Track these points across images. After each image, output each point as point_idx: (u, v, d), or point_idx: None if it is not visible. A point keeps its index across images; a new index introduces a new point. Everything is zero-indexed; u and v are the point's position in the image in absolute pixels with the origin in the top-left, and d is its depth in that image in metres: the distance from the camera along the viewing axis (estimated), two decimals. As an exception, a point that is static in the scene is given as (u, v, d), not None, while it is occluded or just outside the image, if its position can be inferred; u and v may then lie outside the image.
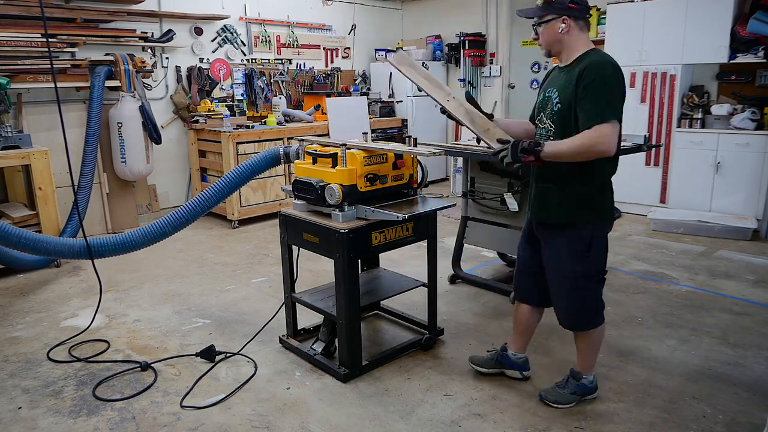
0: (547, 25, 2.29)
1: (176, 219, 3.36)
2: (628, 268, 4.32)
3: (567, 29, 2.26)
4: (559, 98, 2.28)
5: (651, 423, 2.37)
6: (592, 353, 2.52)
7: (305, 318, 3.25)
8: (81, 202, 4.80)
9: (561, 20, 2.25)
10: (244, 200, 5.71)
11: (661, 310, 3.53)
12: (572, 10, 2.25)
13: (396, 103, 7.54)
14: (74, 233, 4.56)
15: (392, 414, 2.46)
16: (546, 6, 2.28)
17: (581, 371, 2.53)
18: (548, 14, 2.28)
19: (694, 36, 5.31)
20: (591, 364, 2.53)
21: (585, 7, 2.29)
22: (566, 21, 2.25)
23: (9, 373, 2.88)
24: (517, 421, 2.40)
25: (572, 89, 2.20)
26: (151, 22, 5.79)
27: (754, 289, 3.86)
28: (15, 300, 3.86)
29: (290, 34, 7.02)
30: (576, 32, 2.27)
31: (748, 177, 5.13)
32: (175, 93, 6.08)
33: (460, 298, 3.77)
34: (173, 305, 3.72)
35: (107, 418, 2.47)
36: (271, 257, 4.68)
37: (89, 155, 4.96)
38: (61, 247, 3.31)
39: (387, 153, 2.75)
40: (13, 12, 4.68)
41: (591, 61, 2.20)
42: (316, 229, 2.72)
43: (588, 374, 2.53)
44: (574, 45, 2.28)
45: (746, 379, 2.70)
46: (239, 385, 2.70)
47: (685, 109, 5.57)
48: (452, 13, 7.85)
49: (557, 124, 2.30)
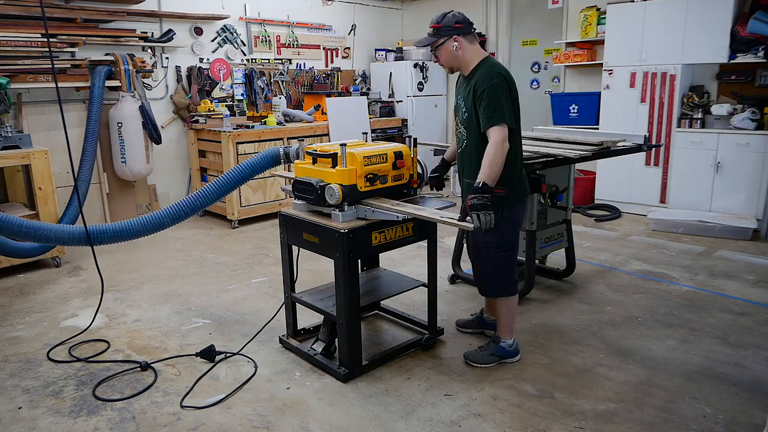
0: (442, 47, 2.64)
1: (175, 211, 3.36)
2: (628, 268, 4.32)
3: (459, 46, 2.61)
4: (464, 106, 2.65)
5: (651, 423, 2.37)
6: (508, 318, 2.86)
7: (305, 318, 3.25)
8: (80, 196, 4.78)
9: (452, 39, 2.60)
10: (244, 200, 5.71)
11: (661, 310, 3.53)
12: (459, 29, 2.60)
13: (396, 103, 7.55)
14: (72, 223, 4.55)
15: (392, 414, 2.46)
16: (436, 32, 2.62)
17: (500, 335, 2.88)
18: (440, 38, 2.62)
19: (694, 36, 5.31)
20: (509, 328, 2.87)
21: (469, 23, 2.65)
22: (457, 39, 2.61)
23: (9, 373, 2.88)
24: (517, 421, 2.40)
25: (472, 99, 2.58)
26: (151, 22, 5.79)
27: (754, 289, 3.86)
28: (15, 300, 3.86)
29: (290, 34, 7.02)
30: (467, 46, 2.63)
31: (748, 177, 5.13)
32: (175, 93, 6.08)
33: (460, 298, 3.77)
34: (173, 305, 3.72)
35: (107, 418, 2.47)
36: (271, 257, 4.68)
37: (88, 150, 4.95)
38: (60, 233, 3.29)
39: (387, 153, 2.75)
40: (13, 12, 4.68)
41: (481, 74, 2.57)
42: (316, 229, 2.72)
43: (506, 338, 2.87)
44: (469, 57, 2.64)
45: (746, 379, 2.70)
46: (239, 385, 2.70)
47: (685, 109, 5.57)
48: (452, 13, 7.84)
49: (467, 129, 2.67)
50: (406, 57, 7.65)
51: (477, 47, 2.65)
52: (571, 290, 3.87)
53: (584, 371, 2.79)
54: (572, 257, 4.01)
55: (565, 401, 2.54)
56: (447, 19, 2.60)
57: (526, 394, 2.60)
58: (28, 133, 4.66)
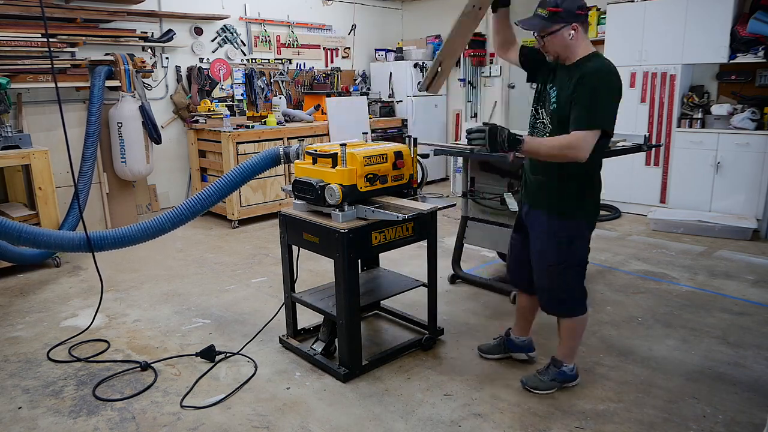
0: (557, 34, 2.29)
1: (175, 215, 3.36)
2: (628, 268, 4.32)
3: (576, 35, 2.29)
4: (556, 98, 2.36)
5: (651, 423, 2.37)
6: (573, 341, 2.60)
7: (305, 318, 3.25)
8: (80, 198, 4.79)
9: (571, 27, 2.28)
10: (244, 200, 5.71)
11: (661, 310, 3.53)
12: (580, 17, 2.28)
13: (396, 103, 7.55)
14: (73, 228, 4.56)
15: (392, 414, 2.46)
16: (553, 16, 2.26)
17: (562, 359, 2.61)
18: (557, 25, 2.27)
19: (694, 36, 5.31)
20: (572, 352, 2.62)
21: (588, 11, 2.34)
22: (575, 27, 2.28)
23: (9, 373, 2.88)
24: (517, 421, 2.40)
25: (569, 92, 2.27)
26: (151, 22, 5.79)
27: (754, 289, 3.86)
28: (15, 300, 3.86)
29: (290, 34, 7.02)
30: (581, 36, 2.31)
31: (748, 177, 5.13)
32: (175, 93, 6.08)
33: (460, 298, 3.77)
34: (173, 305, 3.72)
35: (107, 418, 2.47)
36: (271, 257, 4.68)
37: (89, 151, 4.95)
38: (61, 240, 3.29)
39: (387, 153, 2.75)
40: (13, 12, 4.68)
41: (592, 67, 2.25)
42: (316, 229, 2.72)
43: (568, 362, 2.62)
44: (579, 48, 2.32)
45: (746, 379, 2.70)
46: (239, 385, 2.70)
47: (685, 109, 5.57)
48: (452, 13, 7.71)
49: (554, 122, 2.38)
50: (406, 57, 7.65)
51: (588, 39, 2.37)
52: (571, 290, 3.87)
53: (584, 371, 2.78)
54: (572, 257, 4.00)
55: (565, 401, 2.54)
56: (568, 2, 2.25)
57: (526, 394, 2.60)
58: (28, 133, 4.66)
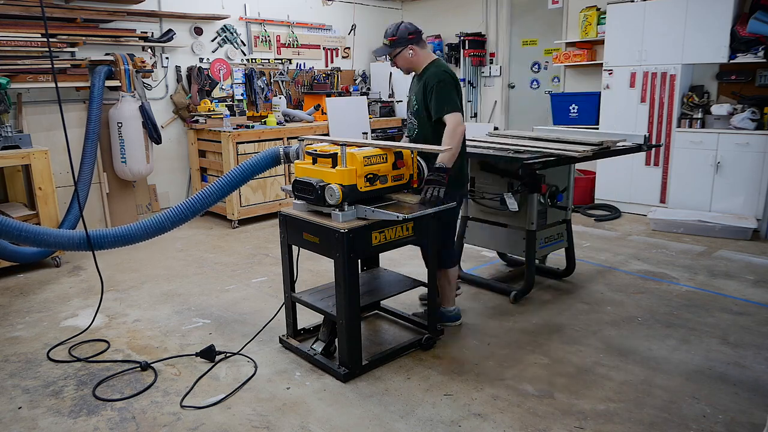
0: (399, 56, 3.02)
1: (175, 214, 3.37)
2: (628, 268, 4.32)
3: (414, 53, 3.02)
4: (416, 100, 3.07)
5: (651, 423, 2.37)
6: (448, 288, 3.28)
7: (305, 318, 3.25)
8: (80, 198, 4.79)
9: (408, 48, 3.00)
10: (244, 200, 5.71)
11: (661, 310, 3.53)
12: (412, 40, 3.00)
13: (396, 102, 7.54)
14: (72, 228, 4.56)
15: (392, 414, 2.46)
16: (392, 44, 3.00)
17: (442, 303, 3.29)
18: (397, 48, 3.00)
19: (694, 36, 5.31)
20: (449, 297, 3.29)
21: (419, 31, 3.04)
22: (412, 48, 3.00)
23: (9, 373, 2.88)
24: (517, 421, 2.40)
25: (422, 93, 2.99)
26: (151, 22, 5.79)
27: (754, 289, 3.86)
28: (15, 300, 3.86)
29: (290, 34, 7.02)
30: (419, 51, 3.02)
31: (748, 177, 5.13)
32: (175, 93, 6.08)
33: (460, 298, 3.76)
34: (173, 305, 3.72)
35: (107, 418, 2.47)
36: (271, 257, 4.68)
37: (89, 151, 4.96)
38: (60, 238, 3.29)
39: (387, 153, 2.75)
40: (13, 12, 4.68)
41: (431, 72, 2.98)
42: (316, 229, 2.72)
43: (447, 306, 3.29)
44: (421, 61, 3.05)
45: (746, 379, 2.70)
46: (239, 385, 2.70)
47: (685, 109, 5.57)
48: (452, 13, 7.86)
49: (417, 120, 3.09)
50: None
51: (426, 51, 3.06)
52: (571, 290, 3.87)
53: (584, 371, 2.79)
54: (572, 257, 4.01)
55: (565, 401, 2.54)
56: (401, 31, 2.99)
57: (526, 394, 2.60)
58: (28, 133, 4.67)
